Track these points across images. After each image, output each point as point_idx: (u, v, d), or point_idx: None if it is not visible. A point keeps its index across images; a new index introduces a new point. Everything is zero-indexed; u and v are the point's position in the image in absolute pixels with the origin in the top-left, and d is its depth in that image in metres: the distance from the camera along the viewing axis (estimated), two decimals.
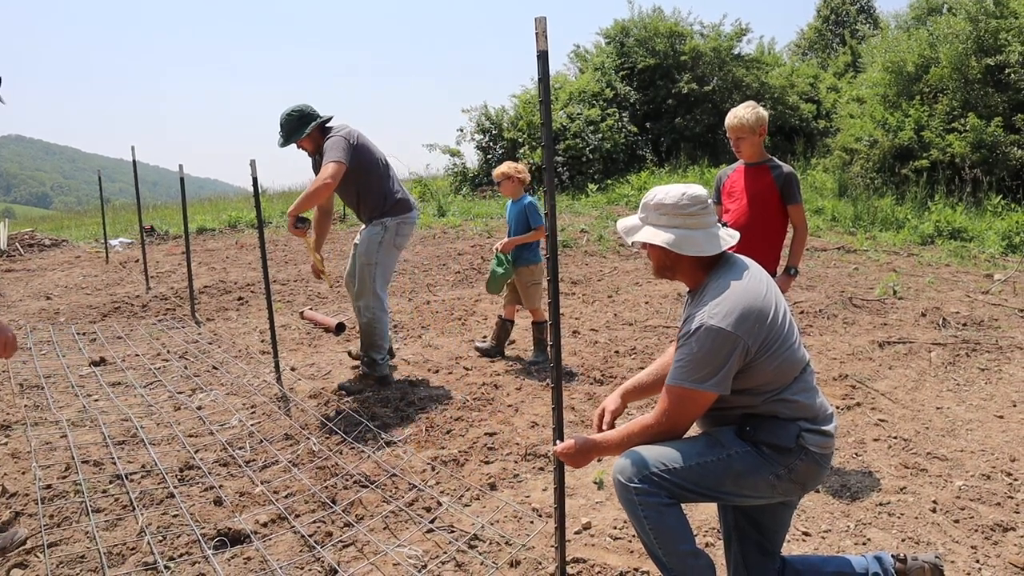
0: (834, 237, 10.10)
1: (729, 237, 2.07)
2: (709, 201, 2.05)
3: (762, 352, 1.92)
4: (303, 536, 2.72)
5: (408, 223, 4.31)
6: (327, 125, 4.20)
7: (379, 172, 4.23)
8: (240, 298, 6.99)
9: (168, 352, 5.22)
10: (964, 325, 5.57)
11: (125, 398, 4.27)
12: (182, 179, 6.69)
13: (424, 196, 14.95)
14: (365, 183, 4.19)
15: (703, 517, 2.82)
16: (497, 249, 4.68)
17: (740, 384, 1.96)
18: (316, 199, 4.01)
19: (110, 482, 3.17)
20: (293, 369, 4.79)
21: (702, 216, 2.02)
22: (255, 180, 4.31)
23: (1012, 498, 2.97)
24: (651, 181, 14.37)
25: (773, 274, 3.39)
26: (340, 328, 5.63)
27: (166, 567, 2.52)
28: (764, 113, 3.40)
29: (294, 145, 4.16)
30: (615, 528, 2.76)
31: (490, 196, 15.08)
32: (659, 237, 2.04)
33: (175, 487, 3.11)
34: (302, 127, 4.09)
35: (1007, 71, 11.06)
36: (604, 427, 2.28)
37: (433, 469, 3.28)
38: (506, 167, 4.71)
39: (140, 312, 6.54)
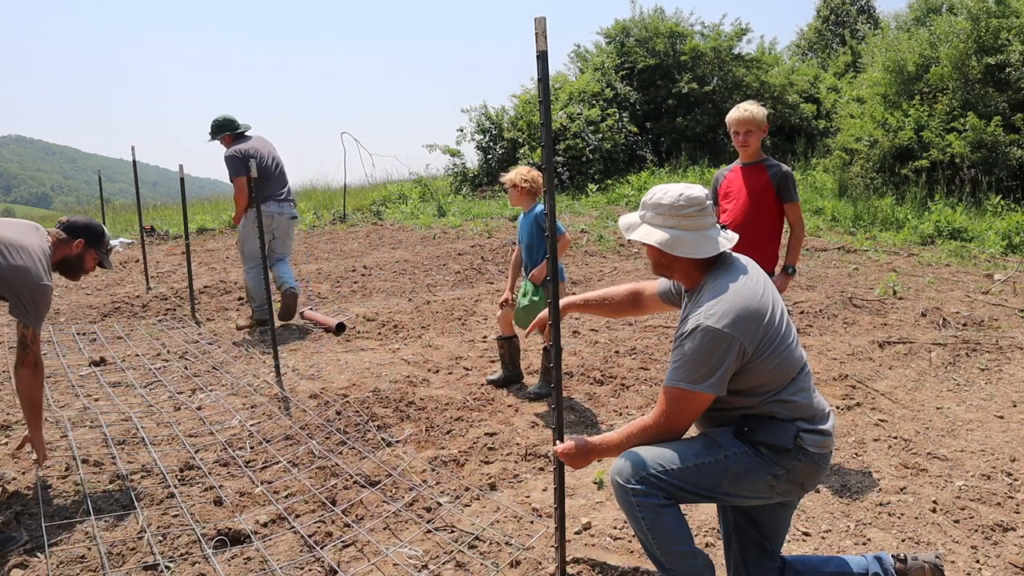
0: (834, 237, 10.09)
1: (727, 241, 2.07)
2: (708, 203, 2.05)
3: (759, 353, 1.92)
4: (303, 536, 2.72)
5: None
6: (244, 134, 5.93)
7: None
8: (240, 298, 6.99)
9: (168, 352, 5.22)
10: (964, 325, 5.56)
11: (125, 398, 4.27)
12: (182, 179, 6.69)
13: (424, 196, 14.95)
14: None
15: (703, 517, 2.82)
16: (530, 280, 4.03)
17: (737, 385, 1.96)
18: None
19: (110, 482, 3.17)
20: (293, 369, 4.79)
21: (698, 218, 2.02)
22: (255, 180, 4.33)
23: (1012, 498, 2.97)
24: (651, 181, 14.37)
25: (771, 273, 3.39)
26: (340, 328, 5.64)
27: (166, 567, 2.52)
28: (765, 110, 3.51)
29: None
30: (615, 528, 2.76)
31: (490, 196, 15.08)
32: (652, 236, 2.04)
33: (175, 487, 3.11)
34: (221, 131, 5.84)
35: (1007, 70, 11.05)
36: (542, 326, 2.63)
37: (433, 469, 3.28)
38: (513, 174, 4.08)
39: (140, 312, 6.54)
